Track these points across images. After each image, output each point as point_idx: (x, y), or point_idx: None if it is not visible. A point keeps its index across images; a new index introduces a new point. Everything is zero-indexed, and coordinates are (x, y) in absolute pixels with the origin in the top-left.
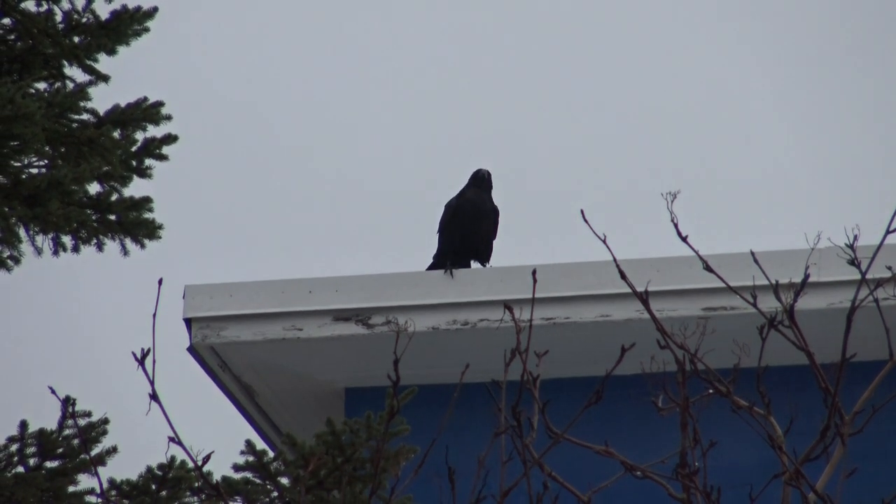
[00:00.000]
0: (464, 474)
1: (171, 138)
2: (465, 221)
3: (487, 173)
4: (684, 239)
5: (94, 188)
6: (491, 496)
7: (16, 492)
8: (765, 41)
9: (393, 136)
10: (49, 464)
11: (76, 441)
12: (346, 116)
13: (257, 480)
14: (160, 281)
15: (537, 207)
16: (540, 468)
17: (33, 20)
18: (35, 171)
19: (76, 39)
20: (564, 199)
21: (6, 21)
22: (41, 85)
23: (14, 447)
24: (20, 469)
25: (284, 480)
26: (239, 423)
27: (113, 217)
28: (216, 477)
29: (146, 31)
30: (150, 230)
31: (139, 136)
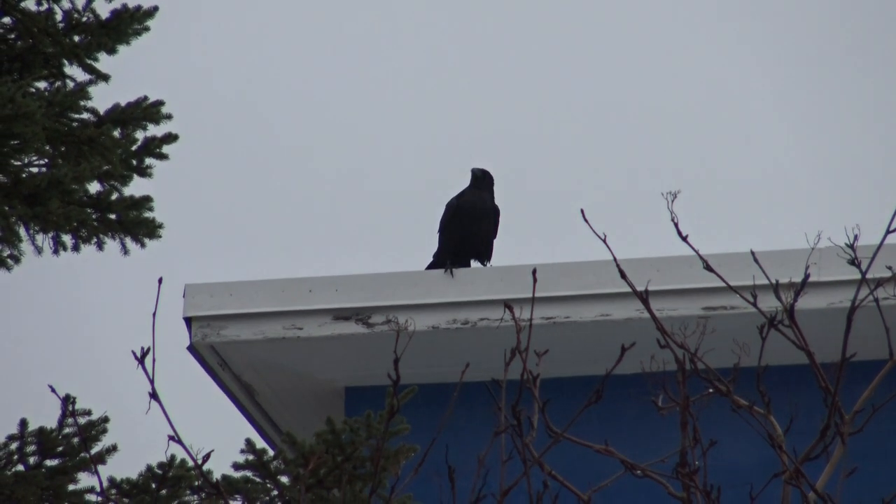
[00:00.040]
0: (464, 473)
1: (171, 137)
2: (465, 221)
3: (482, 171)
4: (684, 238)
5: (95, 187)
6: (491, 495)
7: (16, 490)
8: (765, 41)
9: (393, 136)
10: (49, 462)
11: (76, 439)
12: (346, 116)
13: (257, 479)
14: (160, 280)
15: (537, 207)
16: (540, 467)
17: (33, 19)
18: (35, 170)
19: (76, 38)
20: (564, 199)
21: (6, 20)
22: (41, 84)
23: (14, 445)
24: (20, 467)
25: (284, 479)
26: (239, 421)
27: (113, 216)
28: (216, 476)
29: (146, 30)
30: (151, 229)
31: (139, 135)
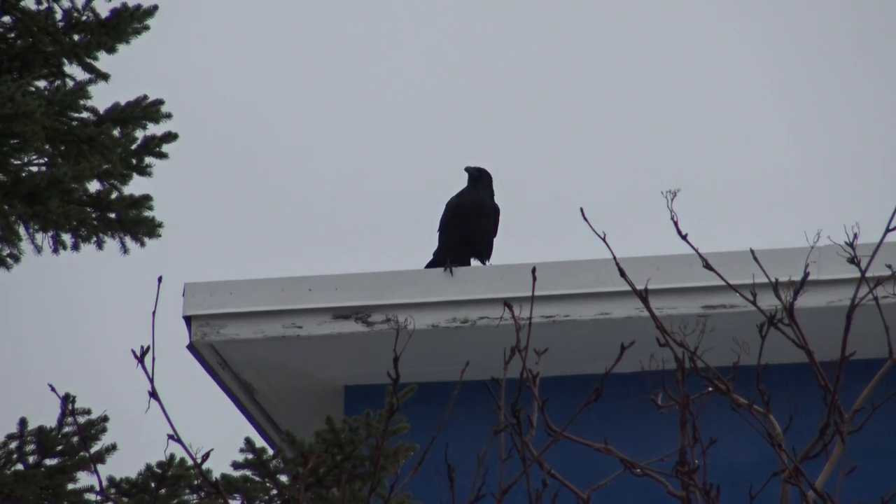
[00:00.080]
0: (463, 472)
1: (170, 136)
2: (465, 219)
3: (477, 170)
4: (684, 237)
5: (94, 186)
6: (490, 494)
7: (15, 489)
8: (765, 41)
9: (393, 136)
10: (48, 461)
11: (76, 439)
12: (346, 116)
13: (256, 478)
14: (160, 279)
15: (537, 207)
16: (539, 466)
17: (33, 18)
18: (35, 169)
19: (76, 37)
20: (564, 198)
21: (6, 19)
22: (41, 83)
23: (13, 444)
24: (20, 466)
25: (284, 478)
26: (238, 420)
27: (113, 215)
28: (215, 475)
29: (146, 29)
30: (150, 228)
31: (139, 134)
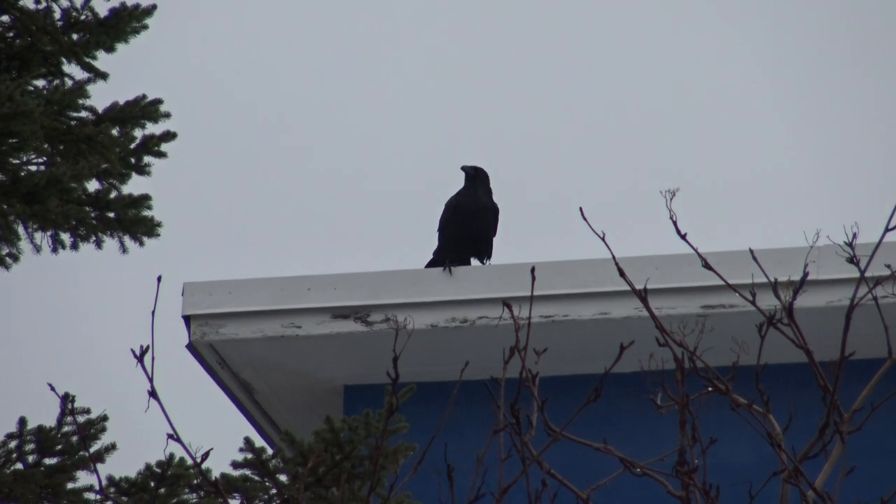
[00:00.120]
0: (463, 472)
1: (169, 135)
2: (464, 219)
3: (473, 168)
4: (683, 237)
5: (93, 185)
6: (490, 493)
7: (14, 488)
8: (765, 41)
9: (393, 136)
10: (48, 461)
11: (75, 438)
12: (346, 116)
13: (256, 478)
14: (159, 278)
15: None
16: (539, 465)
17: (32, 17)
18: (34, 168)
19: (75, 37)
20: (564, 198)
21: (5, 18)
22: (40, 82)
23: (13, 444)
24: (19, 466)
25: (283, 478)
26: (238, 420)
27: (112, 214)
28: (215, 474)
29: (145, 28)
30: (149, 227)
31: (138, 133)
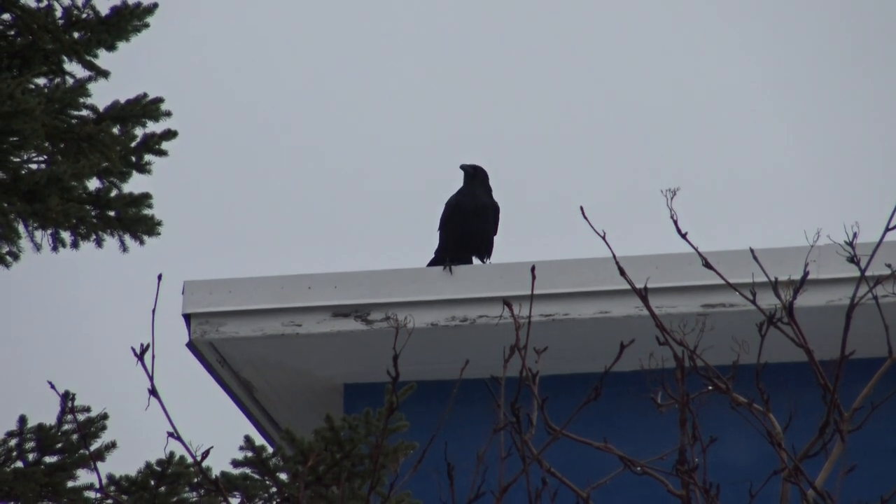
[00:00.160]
0: (463, 470)
1: (170, 134)
2: (464, 218)
3: (472, 167)
4: (684, 236)
5: (94, 184)
6: (490, 492)
7: (15, 486)
8: (765, 41)
9: (393, 136)
10: (48, 459)
11: (75, 436)
12: (347, 116)
13: (256, 476)
14: (159, 277)
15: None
16: (539, 464)
17: (33, 16)
18: (34, 166)
19: (76, 35)
20: (564, 198)
21: (6, 16)
22: (41, 80)
23: (13, 442)
24: (19, 464)
25: (283, 476)
26: (238, 418)
27: (112, 213)
28: (215, 472)
29: (146, 26)
30: (150, 226)
31: (138, 132)
